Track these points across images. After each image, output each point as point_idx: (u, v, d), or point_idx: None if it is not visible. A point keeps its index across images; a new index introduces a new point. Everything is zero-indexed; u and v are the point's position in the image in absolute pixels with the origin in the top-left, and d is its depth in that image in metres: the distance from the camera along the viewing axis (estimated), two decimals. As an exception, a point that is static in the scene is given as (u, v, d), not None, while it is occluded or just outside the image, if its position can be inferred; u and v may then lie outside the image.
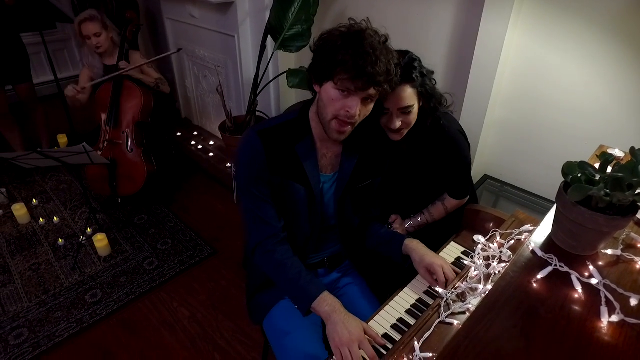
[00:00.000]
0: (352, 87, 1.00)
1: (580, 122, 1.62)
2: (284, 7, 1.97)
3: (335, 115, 1.05)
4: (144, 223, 2.61)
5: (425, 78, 1.25)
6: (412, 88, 1.23)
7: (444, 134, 1.35)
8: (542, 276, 0.74)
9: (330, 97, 1.04)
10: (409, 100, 1.24)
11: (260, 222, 1.18)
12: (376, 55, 0.98)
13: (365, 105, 1.06)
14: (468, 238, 1.41)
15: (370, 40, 0.99)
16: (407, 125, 1.28)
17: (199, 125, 3.52)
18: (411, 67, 1.23)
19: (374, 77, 0.98)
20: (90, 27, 2.35)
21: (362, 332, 1.03)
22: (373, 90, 1.02)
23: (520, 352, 0.62)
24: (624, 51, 1.44)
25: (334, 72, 1.00)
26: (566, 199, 0.74)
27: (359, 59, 0.97)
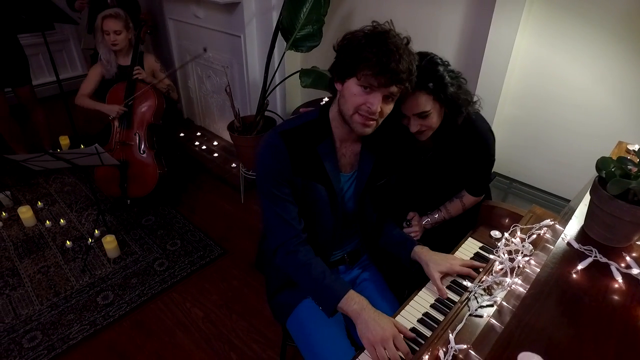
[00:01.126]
0: (375, 83, 1.02)
1: (588, 119, 1.67)
2: (295, 8, 1.99)
3: (356, 109, 1.07)
4: (151, 224, 2.61)
5: (445, 83, 1.25)
6: (427, 94, 1.24)
7: (474, 132, 1.38)
8: (582, 267, 0.77)
9: (352, 93, 1.06)
10: (423, 106, 1.25)
11: (282, 223, 1.19)
12: (399, 54, 1.00)
13: (387, 104, 1.08)
14: (484, 233, 1.44)
15: (393, 40, 1.02)
16: (428, 127, 1.30)
17: (201, 126, 3.52)
18: (428, 72, 1.24)
19: (397, 74, 1.01)
20: (112, 24, 2.36)
21: (394, 328, 1.04)
22: (395, 87, 1.04)
23: (571, 338, 0.65)
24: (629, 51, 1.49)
25: (358, 68, 1.02)
26: (602, 192, 0.77)
27: (383, 56, 0.99)
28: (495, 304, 1.07)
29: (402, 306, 1.18)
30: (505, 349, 0.63)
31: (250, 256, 2.38)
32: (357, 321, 1.07)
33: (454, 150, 1.42)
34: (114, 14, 2.36)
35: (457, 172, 1.48)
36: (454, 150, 1.43)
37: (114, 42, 2.39)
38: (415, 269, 1.28)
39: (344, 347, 1.18)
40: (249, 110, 2.86)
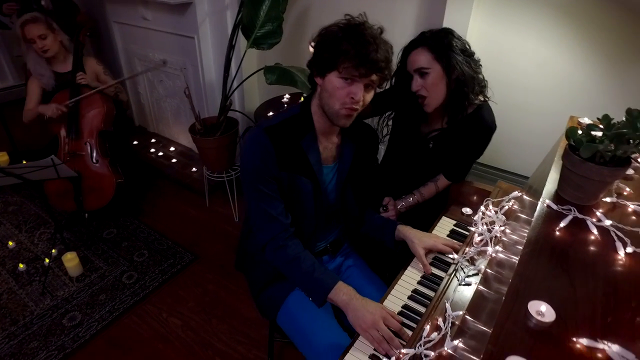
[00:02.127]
0: (356, 74, 1.06)
1: (537, 100, 1.83)
2: (254, 6, 1.99)
3: (342, 103, 1.11)
4: (114, 237, 2.49)
5: (447, 46, 1.35)
6: (428, 51, 1.35)
7: (480, 122, 1.46)
8: (564, 224, 0.86)
9: (334, 86, 1.10)
10: (422, 62, 1.35)
11: (270, 219, 1.20)
12: (376, 44, 1.05)
13: (368, 92, 1.13)
14: (457, 211, 1.54)
15: (369, 31, 1.07)
16: (427, 91, 1.38)
17: (155, 132, 3.40)
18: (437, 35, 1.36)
19: (376, 63, 1.05)
20: (34, 29, 2.17)
21: (382, 310, 1.09)
22: (375, 76, 1.09)
23: (567, 286, 0.73)
24: (570, 35, 1.65)
25: (338, 62, 1.06)
26: (574, 157, 0.87)
27: (362, 47, 1.04)
28: (480, 273, 1.15)
29: (391, 286, 1.24)
30: (514, 300, 0.70)
31: (223, 259, 2.35)
32: (347, 310, 1.11)
33: (459, 134, 1.49)
34: (31, 18, 2.18)
35: (449, 156, 1.55)
36: (459, 134, 1.49)
37: (43, 48, 2.21)
38: (400, 249, 1.35)
39: (337, 333, 1.22)
40: (207, 113, 2.81)
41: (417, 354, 0.95)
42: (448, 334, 0.96)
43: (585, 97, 1.72)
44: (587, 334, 0.64)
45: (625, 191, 0.98)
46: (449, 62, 1.35)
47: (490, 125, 1.48)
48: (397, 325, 1.06)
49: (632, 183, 1.02)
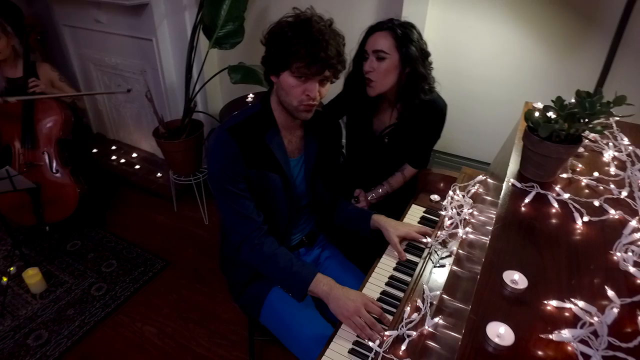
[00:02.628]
0: (309, 72, 1.07)
1: (493, 89, 1.93)
2: (215, 6, 1.97)
3: (299, 101, 1.12)
4: (79, 249, 2.39)
5: (411, 40, 1.39)
6: (392, 38, 1.38)
7: (434, 108, 1.52)
8: (528, 200, 0.93)
9: (289, 85, 1.11)
10: (383, 45, 1.38)
11: (242, 219, 1.21)
12: (326, 40, 1.05)
13: (323, 86, 1.13)
14: (425, 198, 1.60)
15: (317, 27, 1.06)
16: (377, 74, 1.41)
17: (115, 139, 3.29)
18: (402, 26, 1.39)
19: (327, 61, 1.06)
20: None
21: (363, 297, 1.12)
22: (328, 72, 1.09)
23: (535, 255, 0.79)
24: (521, 26, 1.76)
25: (290, 62, 1.07)
26: (533, 137, 0.94)
27: (311, 46, 1.04)
28: (452, 254, 1.21)
29: (368, 274, 1.28)
30: (490, 271, 0.75)
31: (196, 263, 2.32)
32: (328, 301, 1.14)
33: (414, 124, 1.55)
34: None
35: (410, 146, 1.61)
36: (414, 124, 1.55)
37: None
38: (375, 238, 1.39)
39: (320, 324, 1.24)
40: (170, 116, 2.75)
41: (400, 335, 0.99)
42: (428, 313, 1.01)
43: (536, 84, 1.83)
44: (555, 296, 0.70)
45: (578, 167, 1.07)
46: (407, 54, 1.39)
47: (443, 109, 1.55)
48: (379, 310, 1.10)
49: (583, 160, 1.10)
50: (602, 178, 1.01)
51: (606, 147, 1.13)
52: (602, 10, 1.58)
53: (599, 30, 1.61)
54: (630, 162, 1.06)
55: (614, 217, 0.89)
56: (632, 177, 0.99)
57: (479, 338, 0.64)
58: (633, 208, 0.91)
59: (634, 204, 0.91)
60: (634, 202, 0.92)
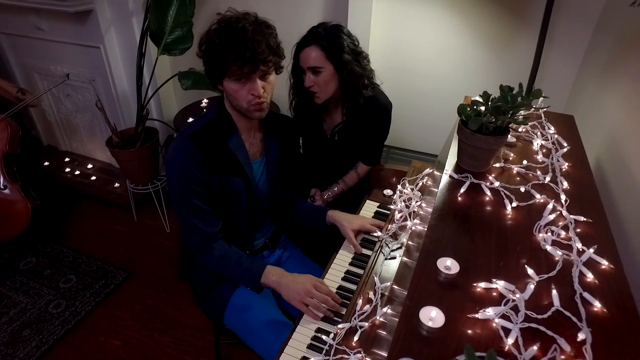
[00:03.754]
0: (244, 74, 1.09)
1: (438, 85, 2.02)
2: (161, 12, 1.94)
3: (248, 102, 1.14)
4: (33, 266, 2.30)
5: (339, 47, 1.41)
6: (321, 51, 1.40)
7: (376, 104, 1.56)
8: (463, 190, 0.99)
9: (233, 90, 1.13)
10: (315, 61, 1.41)
11: (198, 230, 1.23)
12: (250, 38, 1.05)
13: (266, 80, 1.14)
14: (379, 194, 1.66)
15: (239, 27, 1.06)
16: (318, 87, 1.45)
17: (68, 151, 3.17)
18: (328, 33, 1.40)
19: (257, 57, 1.06)
20: None
21: (312, 278, 1.18)
22: (263, 67, 1.09)
23: (468, 241, 0.85)
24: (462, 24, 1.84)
25: (225, 68, 1.09)
26: (465, 130, 1.00)
27: (237, 47, 1.05)
28: (402, 246, 1.26)
29: (325, 270, 1.31)
30: (426, 259, 0.80)
31: (159, 271, 2.29)
32: (279, 290, 1.19)
33: (359, 122, 1.59)
34: None
35: (359, 144, 1.65)
36: (359, 122, 1.59)
37: None
38: (332, 233, 1.43)
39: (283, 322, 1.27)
40: (123, 124, 2.68)
41: (353, 327, 1.04)
42: (379, 304, 1.06)
43: (477, 78, 1.93)
44: (484, 279, 0.76)
45: (511, 157, 1.15)
46: (341, 62, 1.42)
47: (386, 106, 1.60)
48: (327, 289, 1.16)
49: (515, 149, 1.18)
50: (531, 165, 1.09)
51: (535, 137, 1.22)
52: (529, 8, 1.69)
53: (528, 25, 1.71)
54: (555, 149, 1.14)
55: (539, 201, 0.96)
56: (555, 163, 1.07)
57: (413, 323, 0.69)
58: (555, 192, 0.98)
59: (556, 188, 0.99)
60: (556, 186, 1.00)
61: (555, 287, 0.73)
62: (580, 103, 1.68)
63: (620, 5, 1.43)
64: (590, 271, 0.77)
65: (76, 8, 2.21)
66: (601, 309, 0.70)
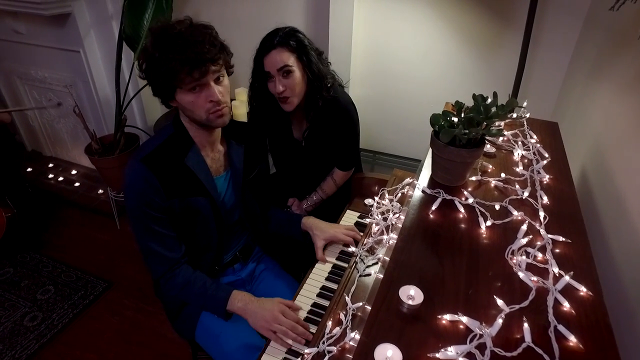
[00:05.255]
0: (195, 80, 1.01)
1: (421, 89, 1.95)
2: (136, 15, 1.88)
3: (207, 111, 1.07)
4: (10, 277, 2.24)
5: (305, 45, 1.38)
6: (289, 51, 1.35)
7: (337, 105, 1.49)
8: (434, 207, 0.92)
9: (189, 102, 1.06)
10: (286, 60, 1.35)
11: (158, 257, 1.17)
12: (189, 40, 0.98)
13: (221, 83, 1.07)
14: (360, 203, 1.59)
15: (177, 32, 1.00)
16: (291, 90, 1.38)
17: (52, 156, 3.11)
18: (289, 34, 1.36)
19: (202, 56, 0.99)
20: None
21: (279, 304, 1.11)
22: (212, 66, 1.02)
23: (436, 265, 0.78)
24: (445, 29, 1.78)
25: (174, 80, 1.02)
26: (438, 142, 0.94)
27: (180, 54, 0.98)
28: (379, 261, 1.20)
29: (300, 285, 1.25)
30: (388, 288, 0.73)
31: (140, 281, 2.22)
32: (246, 317, 1.13)
33: (324, 125, 1.52)
34: None
35: (329, 148, 1.59)
36: (323, 125, 1.52)
37: None
38: (308, 241, 1.36)
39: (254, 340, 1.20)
40: (106, 130, 2.63)
41: (321, 352, 0.97)
42: (349, 326, 0.99)
43: (462, 82, 1.86)
44: (450, 309, 0.69)
45: (489, 169, 1.08)
46: (309, 60, 1.39)
47: (347, 105, 1.53)
48: (295, 317, 1.09)
49: (494, 160, 1.12)
50: (509, 178, 1.03)
51: (516, 146, 1.15)
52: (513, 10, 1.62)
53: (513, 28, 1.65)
54: (535, 161, 1.08)
55: (517, 218, 0.90)
56: (535, 176, 1.01)
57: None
58: (534, 207, 0.92)
59: (535, 204, 0.93)
60: (535, 202, 0.93)
61: (528, 318, 0.67)
62: (566, 109, 1.61)
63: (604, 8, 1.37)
64: (566, 299, 0.71)
65: (52, 11, 2.15)
66: (577, 344, 0.64)
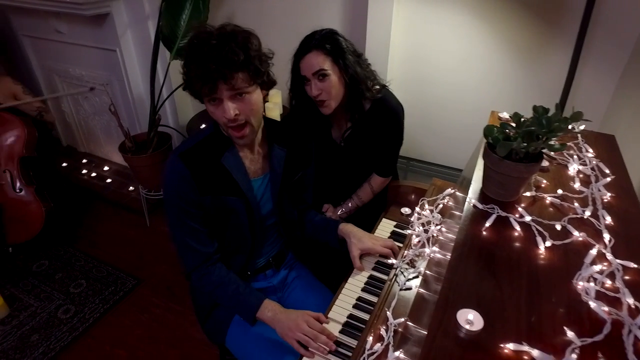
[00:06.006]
0: (209, 94, 1.00)
1: (461, 96, 1.89)
2: (174, 15, 1.89)
3: (224, 125, 1.07)
4: (45, 269, 2.30)
5: (343, 49, 1.36)
6: (325, 54, 1.33)
7: (384, 106, 1.46)
8: (489, 224, 0.88)
9: (210, 112, 1.06)
10: (321, 63, 1.34)
11: (192, 250, 1.18)
12: (205, 53, 0.95)
13: (242, 101, 1.03)
14: (396, 212, 1.55)
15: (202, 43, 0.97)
16: (327, 94, 1.37)
17: (86, 152, 3.18)
18: (326, 37, 1.34)
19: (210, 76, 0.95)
20: None
21: (304, 314, 1.10)
22: (223, 85, 0.98)
23: (494, 288, 0.74)
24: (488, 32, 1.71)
25: (197, 91, 1.02)
26: (493, 156, 0.89)
27: (197, 68, 0.96)
28: (420, 275, 1.16)
29: (335, 296, 1.22)
30: (444, 311, 0.69)
31: (169, 280, 2.24)
32: (274, 326, 1.13)
33: (368, 126, 1.49)
34: None
35: (368, 152, 1.55)
36: (367, 126, 1.49)
37: None
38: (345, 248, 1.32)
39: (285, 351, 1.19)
40: (139, 128, 2.66)
41: (362, 368, 0.94)
42: (391, 343, 0.96)
43: (504, 90, 1.79)
44: (513, 338, 0.65)
45: (543, 183, 1.02)
46: (345, 64, 1.36)
47: (395, 108, 1.49)
48: (319, 326, 1.08)
49: (548, 175, 1.06)
50: (567, 195, 0.97)
51: (571, 160, 1.09)
52: (564, 15, 1.54)
53: (562, 35, 1.57)
54: (595, 177, 1.02)
55: (577, 239, 0.84)
56: (596, 194, 0.95)
57: (427, 392, 0.59)
58: (597, 228, 0.86)
59: (598, 224, 0.87)
60: (597, 222, 0.87)
61: (603, 355, 0.62)
62: (620, 121, 1.52)
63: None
64: (643, 334, 0.65)
65: (93, 11, 2.19)
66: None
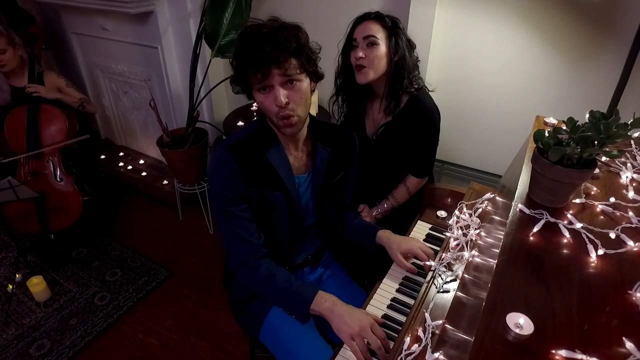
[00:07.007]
0: (261, 81, 1.01)
1: (501, 99, 1.85)
2: (217, 14, 1.94)
3: (275, 114, 1.06)
4: (84, 257, 2.39)
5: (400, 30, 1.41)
6: (381, 27, 1.38)
7: (420, 106, 1.46)
8: (536, 229, 0.86)
9: (260, 101, 1.06)
10: (374, 31, 1.37)
11: (240, 242, 1.17)
12: (257, 40, 0.98)
13: (292, 89, 1.04)
14: (432, 214, 1.53)
15: (256, 31, 1.00)
16: (369, 60, 1.39)
17: (123, 145, 3.29)
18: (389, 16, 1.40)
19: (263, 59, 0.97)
20: None
21: (369, 317, 1.07)
22: (285, 64, 0.99)
23: (544, 294, 0.72)
24: (530, 35, 1.67)
25: (247, 79, 1.03)
26: (543, 161, 0.87)
27: (250, 53, 0.98)
28: (457, 278, 1.14)
29: (370, 295, 1.22)
30: (492, 314, 0.68)
31: (199, 273, 2.29)
32: (331, 318, 1.08)
33: (402, 124, 1.49)
34: None
35: (401, 151, 1.55)
36: (402, 124, 1.49)
37: (1, 63, 2.13)
38: (381, 255, 1.33)
39: (321, 346, 1.19)
40: (175, 124, 2.73)
41: (399, 368, 0.94)
42: (429, 345, 0.95)
43: (548, 94, 1.74)
44: (565, 345, 0.63)
45: (593, 191, 0.99)
46: (397, 43, 1.39)
47: (429, 108, 1.47)
48: (383, 334, 1.05)
49: (598, 182, 1.03)
50: (619, 204, 0.94)
51: (624, 168, 1.06)
52: (620, 18, 1.49)
53: (615, 38, 1.52)
54: (650, 187, 0.98)
55: (632, 249, 0.81)
56: (652, 204, 0.92)
57: (478, 393, 0.58)
58: (653, 239, 0.83)
59: (654, 235, 0.84)
60: (654, 233, 0.84)
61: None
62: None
63: None
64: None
65: (138, 9, 2.26)
66: None
